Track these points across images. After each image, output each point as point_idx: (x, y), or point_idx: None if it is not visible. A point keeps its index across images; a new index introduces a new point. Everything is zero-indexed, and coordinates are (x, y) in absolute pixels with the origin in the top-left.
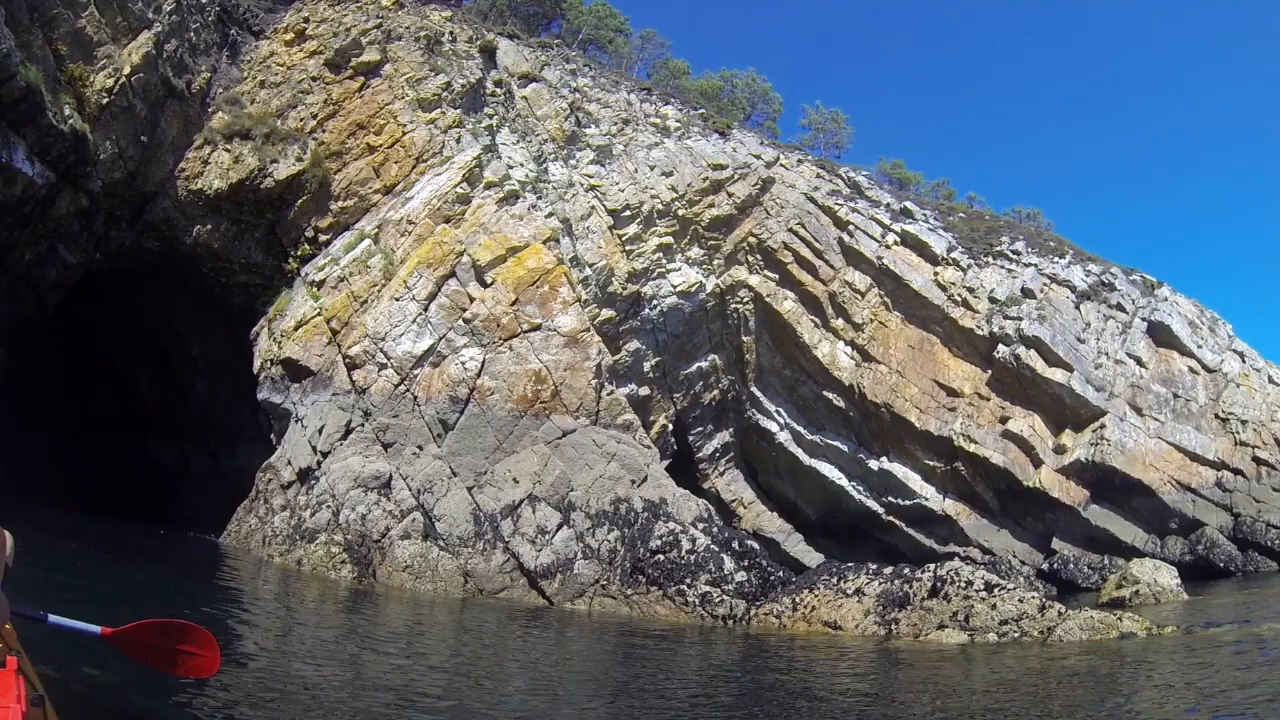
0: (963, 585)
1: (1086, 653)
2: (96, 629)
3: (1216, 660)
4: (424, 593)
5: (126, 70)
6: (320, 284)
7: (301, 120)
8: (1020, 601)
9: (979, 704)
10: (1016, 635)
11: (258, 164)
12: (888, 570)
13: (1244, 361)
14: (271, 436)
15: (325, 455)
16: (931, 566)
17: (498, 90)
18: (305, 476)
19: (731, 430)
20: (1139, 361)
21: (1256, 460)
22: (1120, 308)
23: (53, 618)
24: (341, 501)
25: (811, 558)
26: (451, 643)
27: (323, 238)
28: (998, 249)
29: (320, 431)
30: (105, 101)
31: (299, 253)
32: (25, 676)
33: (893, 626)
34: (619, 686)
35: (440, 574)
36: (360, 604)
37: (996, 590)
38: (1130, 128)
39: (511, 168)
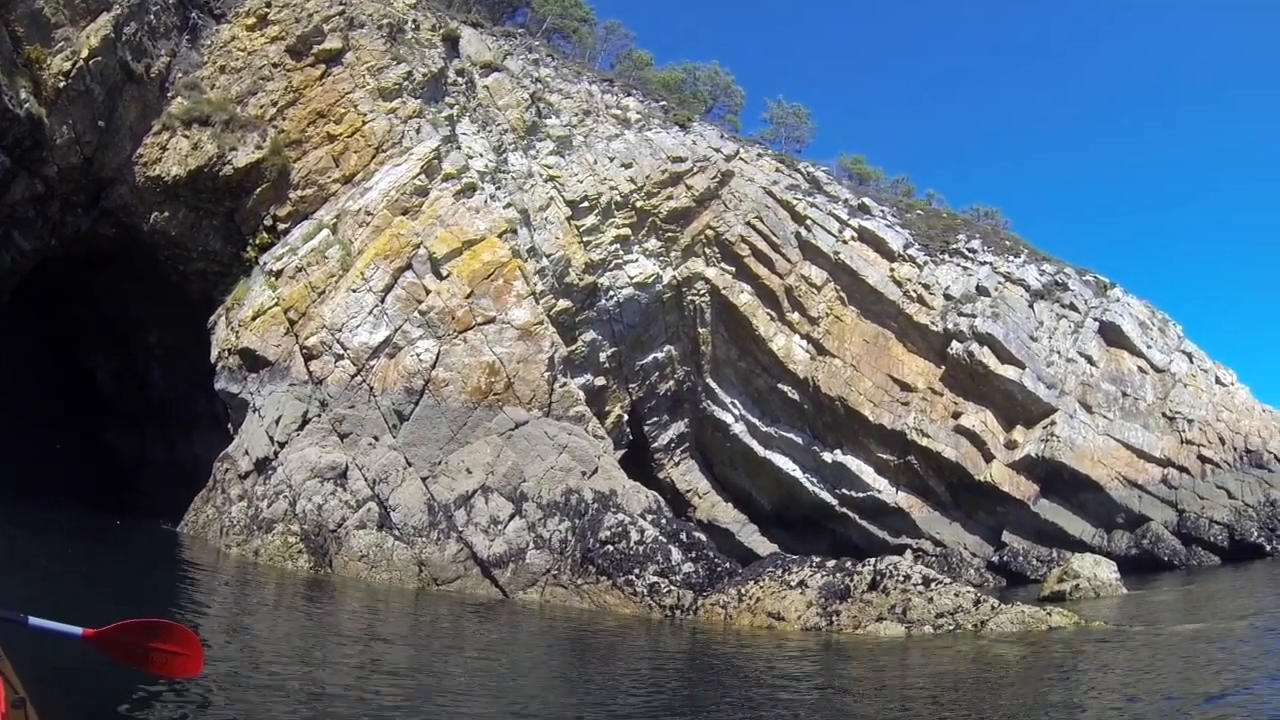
0: (901, 579)
1: (1015, 644)
2: (78, 631)
3: (1128, 654)
4: (379, 582)
5: (84, 53)
6: (278, 274)
7: (261, 108)
8: (956, 596)
9: (916, 693)
10: (952, 628)
11: (217, 151)
12: (830, 563)
13: (1192, 362)
14: (229, 426)
15: (282, 445)
16: (871, 561)
17: (459, 80)
18: (262, 467)
19: (687, 421)
20: (1090, 360)
21: (1201, 458)
22: (1073, 307)
23: (33, 620)
24: (298, 492)
25: (765, 548)
26: (408, 634)
27: (281, 226)
28: (954, 246)
29: (277, 422)
30: (62, 85)
31: (257, 241)
32: (5, 679)
33: (834, 618)
34: (569, 677)
35: (395, 563)
36: (318, 595)
37: (933, 585)
38: (1089, 129)
39: (471, 158)
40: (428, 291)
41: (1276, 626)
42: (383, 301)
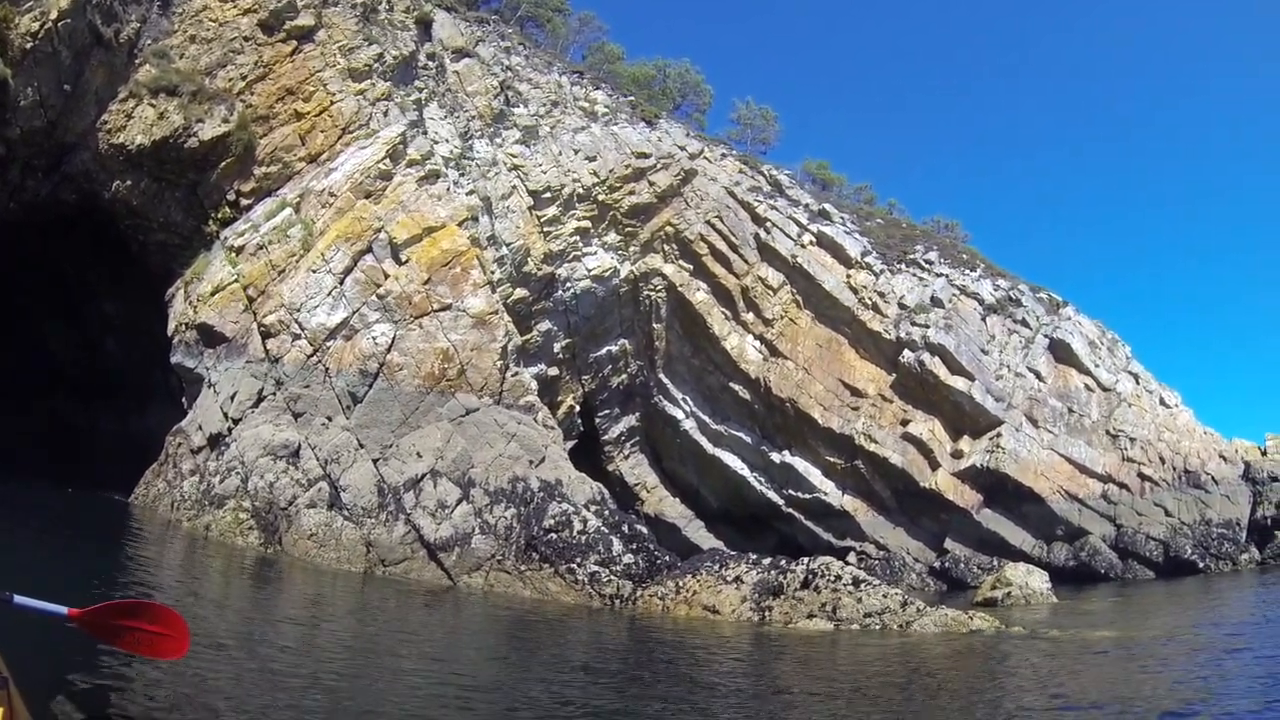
0: (832, 579)
1: (937, 645)
2: (64, 610)
3: (1040, 657)
4: (327, 561)
5: (54, 15)
6: (239, 250)
7: (230, 80)
8: (884, 597)
9: (842, 685)
10: (878, 627)
11: (183, 122)
12: (765, 561)
13: (1138, 383)
14: (183, 400)
15: (236, 422)
16: (805, 560)
17: (430, 63)
18: (215, 442)
19: (638, 415)
20: (1038, 376)
21: (1141, 476)
22: (1025, 323)
23: (18, 598)
24: (251, 469)
25: (711, 544)
26: (354, 620)
27: (244, 202)
28: (911, 257)
29: (232, 398)
30: (29, 46)
31: (219, 215)
32: None
33: (766, 613)
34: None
35: (344, 543)
36: (267, 573)
37: (863, 585)
38: (1053, 148)
39: (436, 143)
40: (386, 276)
41: (1175, 639)
42: (342, 283)
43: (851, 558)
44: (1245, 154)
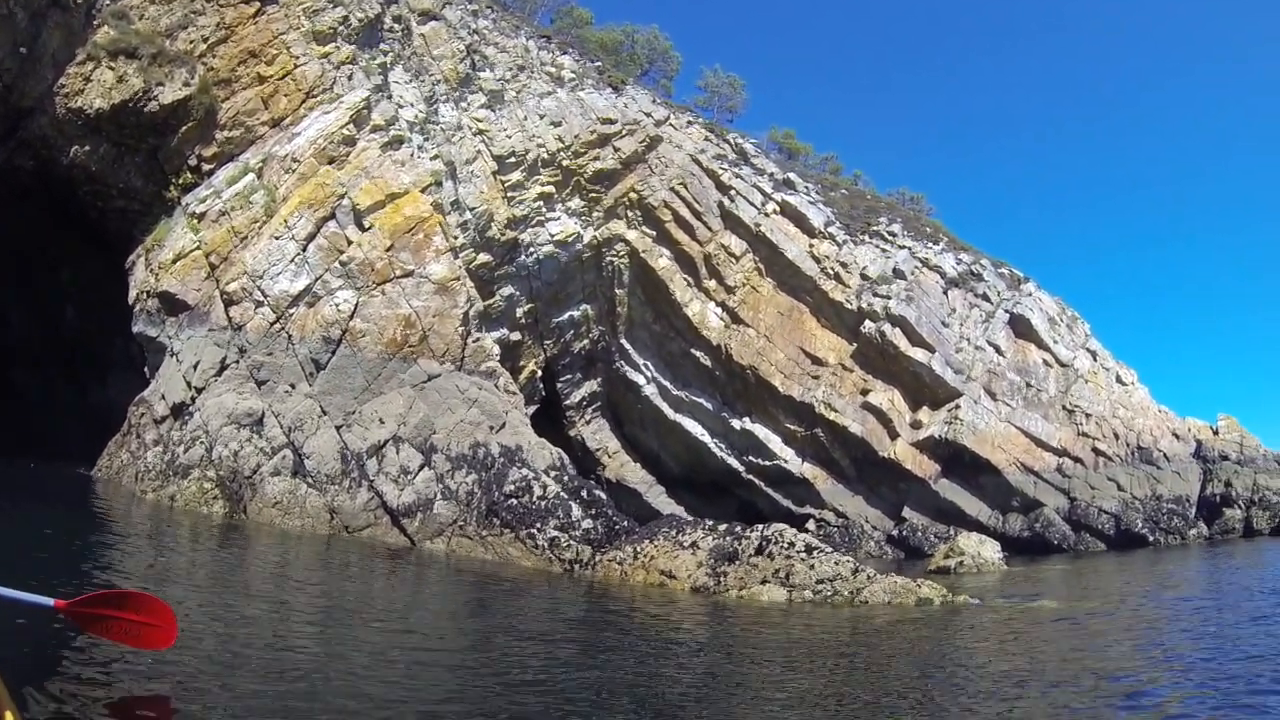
0: (786, 546)
1: (884, 611)
2: (50, 601)
3: (986, 624)
4: (292, 528)
5: None
6: (201, 216)
7: (191, 43)
8: (836, 564)
9: (796, 648)
10: (830, 594)
11: (142, 85)
12: (721, 527)
13: (1095, 360)
14: (145, 370)
15: (200, 391)
16: (760, 527)
17: (396, 26)
18: (179, 412)
19: (599, 380)
20: (998, 350)
21: (1096, 451)
22: (986, 297)
23: (2, 590)
24: (215, 438)
25: (672, 510)
26: (319, 582)
27: (206, 167)
28: (875, 228)
29: (195, 367)
30: None
31: (180, 181)
32: None
33: (721, 579)
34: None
35: (308, 510)
36: (233, 540)
37: (815, 553)
38: (1023, 126)
39: (401, 108)
40: (349, 242)
41: (1116, 611)
42: (305, 250)
43: (811, 525)
44: (1205, 141)
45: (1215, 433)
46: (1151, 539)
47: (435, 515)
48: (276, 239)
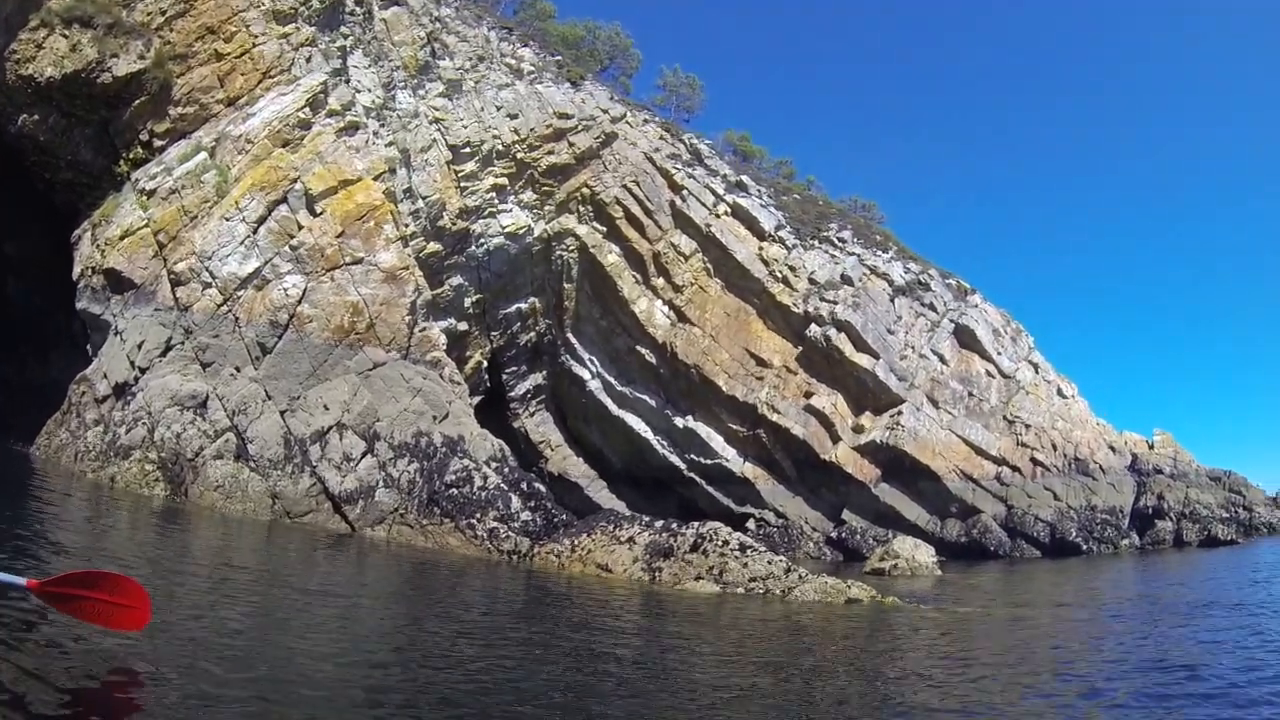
0: (720, 544)
1: (813, 610)
2: (22, 581)
3: (905, 625)
4: (233, 513)
5: None
6: (151, 193)
7: (149, 15)
8: (769, 564)
9: (728, 639)
10: (762, 592)
11: (96, 56)
12: (658, 523)
13: (1037, 372)
14: (88, 347)
15: (143, 371)
16: (695, 524)
17: (358, 9)
18: (121, 391)
19: (545, 373)
20: (942, 359)
21: (1034, 461)
22: (932, 307)
23: None
24: (157, 419)
25: (613, 505)
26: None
27: (158, 143)
28: (824, 234)
29: (140, 347)
30: None
31: (131, 156)
32: None
33: (657, 574)
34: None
35: (250, 495)
36: (173, 523)
37: (749, 551)
38: (980, 141)
39: (359, 92)
40: (300, 227)
41: (1035, 616)
42: (255, 233)
43: (751, 524)
44: (1155, 155)
45: (1151, 447)
46: (1085, 548)
47: (377, 503)
48: (227, 220)
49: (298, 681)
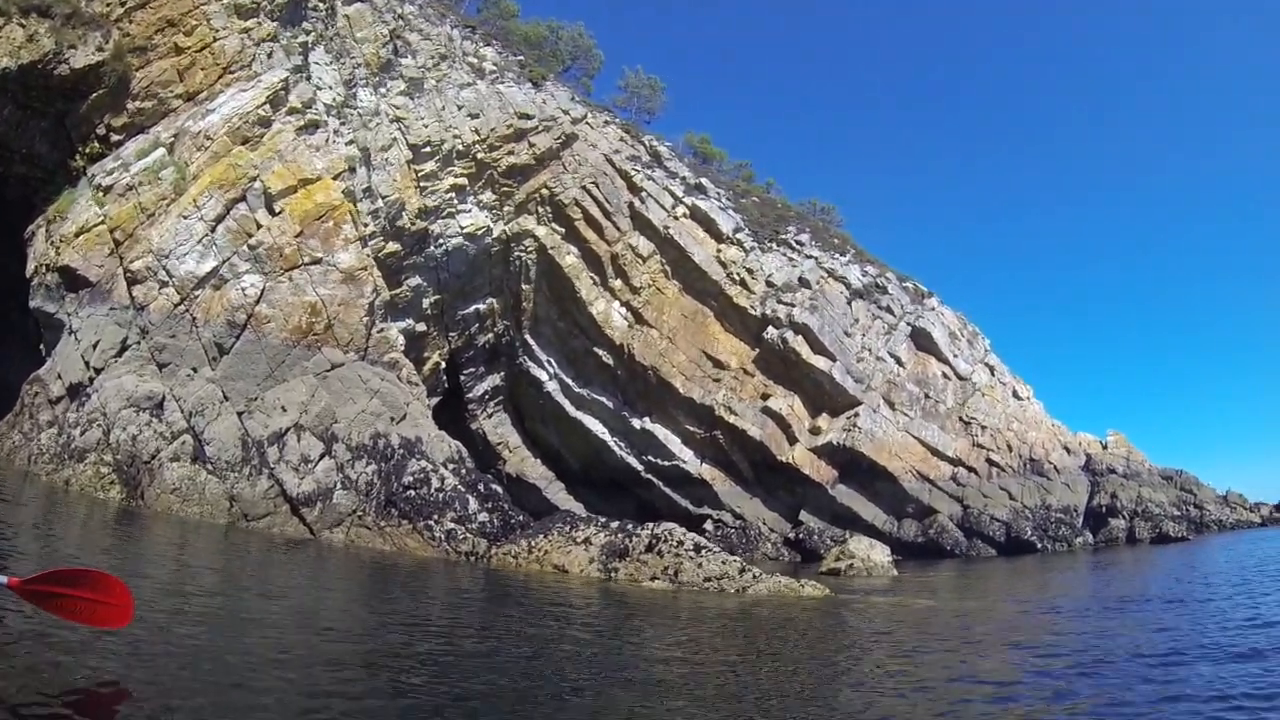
0: (675, 544)
1: (769, 606)
2: (3, 579)
3: (862, 617)
4: (191, 516)
5: None
6: (107, 189)
7: (108, 6)
8: (723, 564)
9: (685, 635)
10: (717, 591)
11: (53, 47)
12: (613, 524)
13: (993, 375)
14: (41, 347)
15: (98, 372)
16: (650, 525)
17: (320, 5)
18: (76, 393)
19: (503, 374)
20: (898, 361)
21: (990, 462)
22: (889, 310)
23: None
24: (113, 421)
25: (571, 506)
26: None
27: (115, 137)
28: (783, 237)
29: (94, 346)
30: None
31: (88, 150)
32: None
33: (613, 574)
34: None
35: (207, 497)
36: (130, 526)
37: (704, 551)
38: (941, 145)
39: (320, 89)
40: (259, 226)
41: (991, 609)
42: (213, 231)
43: (709, 525)
44: (1112, 158)
45: (1104, 447)
46: (1040, 546)
47: (335, 505)
48: (185, 218)
49: (254, 688)
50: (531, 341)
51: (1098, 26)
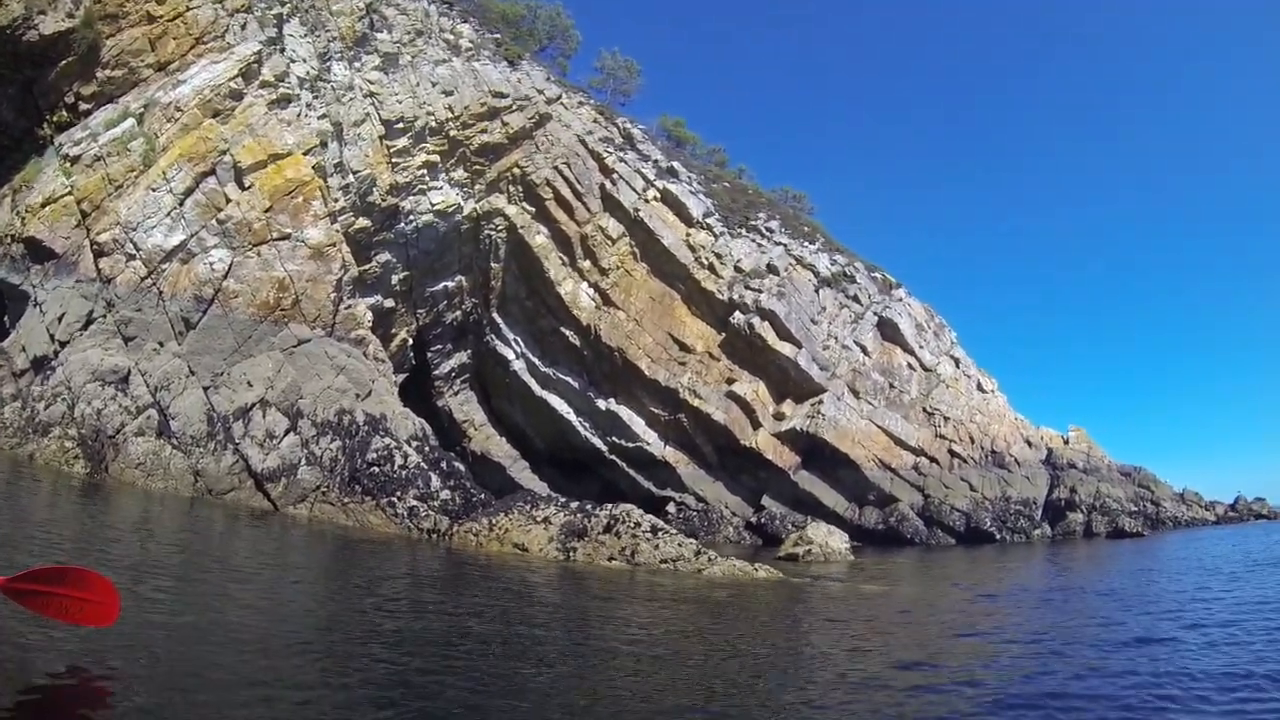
0: (632, 525)
1: (723, 588)
2: None
3: (810, 601)
4: (155, 490)
5: None
6: (75, 160)
7: None
8: (679, 546)
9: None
10: (672, 572)
11: (22, 11)
12: (573, 505)
13: (958, 367)
14: (5, 319)
15: (64, 345)
16: (609, 506)
17: None
18: (40, 365)
19: (470, 352)
20: (864, 350)
21: (951, 453)
22: (856, 299)
23: None
24: (78, 394)
25: (536, 485)
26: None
27: (84, 106)
28: (752, 223)
29: (60, 319)
30: None
31: (55, 119)
32: None
33: (571, 553)
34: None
35: (172, 472)
36: (94, 501)
37: (660, 533)
38: (921, 141)
39: (293, 62)
40: (228, 200)
41: (937, 596)
42: (182, 205)
43: (671, 508)
44: (1080, 154)
45: (1066, 442)
46: (999, 537)
47: (299, 480)
48: (153, 191)
49: (218, 663)
50: (499, 320)
51: (1065, 29)
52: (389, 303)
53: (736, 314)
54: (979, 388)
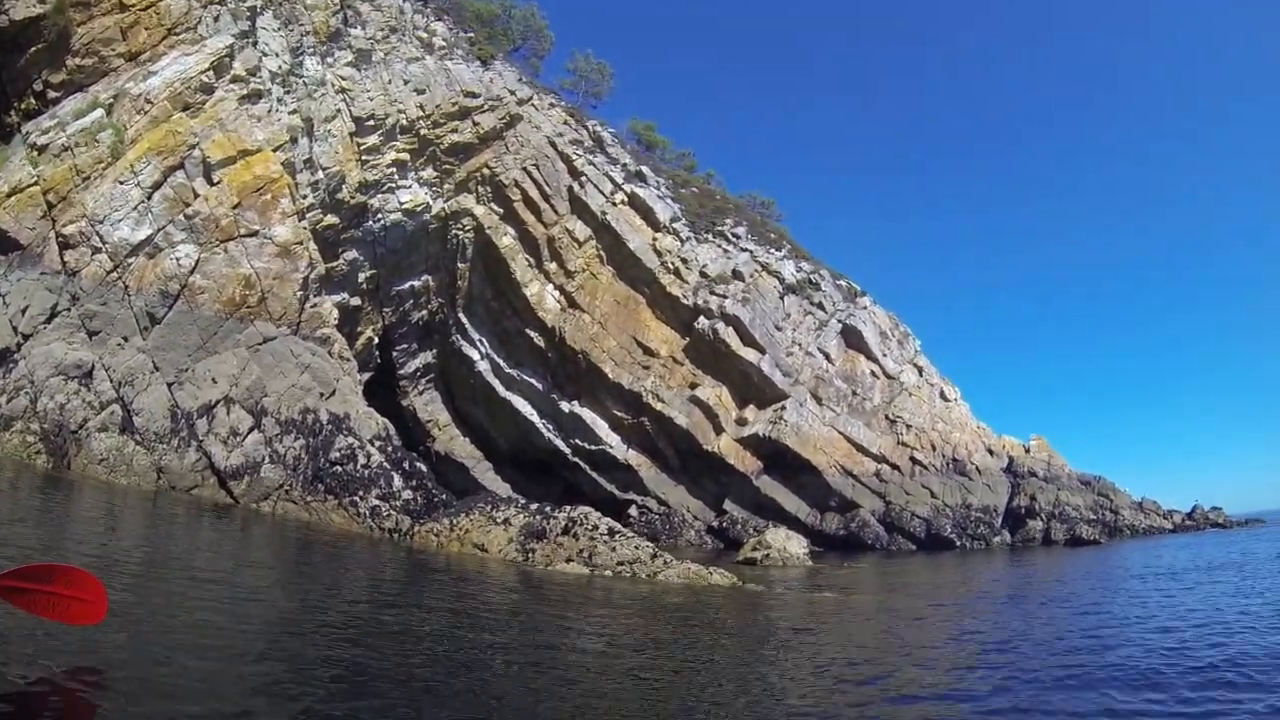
0: (590, 528)
1: (677, 592)
2: None
3: (766, 606)
4: (118, 486)
5: None
6: (42, 149)
7: None
8: (636, 548)
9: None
10: (629, 575)
11: None
12: (533, 506)
13: (921, 375)
14: None
15: (27, 338)
16: (567, 508)
17: None
18: (3, 359)
19: (435, 352)
20: (828, 357)
21: (913, 460)
22: (821, 306)
23: None
24: (40, 388)
25: (498, 486)
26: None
27: (53, 94)
28: (719, 228)
29: (23, 312)
30: None
31: (23, 106)
32: None
33: (530, 554)
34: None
35: (135, 468)
36: (56, 495)
37: (617, 536)
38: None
39: (265, 56)
40: (196, 195)
41: (895, 605)
42: (149, 198)
43: (633, 511)
44: (1045, 161)
45: (1027, 451)
46: (959, 544)
47: (262, 478)
48: (121, 183)
49: (178, 667)
50: (465, 320)
51: (1046, 27)
52: (355, 301)
53: (701, 319)
54: (942, 396)
